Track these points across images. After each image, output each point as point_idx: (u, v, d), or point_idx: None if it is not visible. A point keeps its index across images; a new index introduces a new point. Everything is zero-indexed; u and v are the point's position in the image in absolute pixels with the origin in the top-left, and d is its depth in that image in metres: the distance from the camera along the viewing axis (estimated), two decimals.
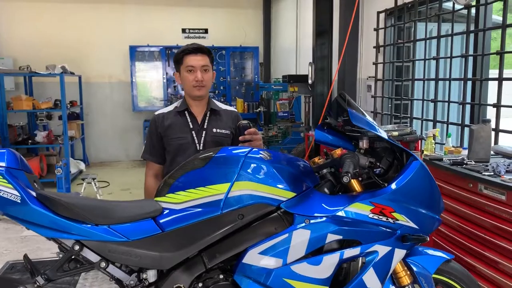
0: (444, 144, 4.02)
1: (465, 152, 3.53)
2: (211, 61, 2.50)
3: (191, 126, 2.49)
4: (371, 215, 1.70)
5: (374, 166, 1.78)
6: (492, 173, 2.68)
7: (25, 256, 1.81)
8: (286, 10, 8.69)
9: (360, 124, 1.73)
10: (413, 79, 4.61)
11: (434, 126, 4.32)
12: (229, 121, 2.57)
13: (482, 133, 3.06)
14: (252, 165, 1.76)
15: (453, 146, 3.90)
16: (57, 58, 7.94)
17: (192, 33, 9.46)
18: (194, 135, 2.47)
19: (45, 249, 4.32)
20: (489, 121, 3.10)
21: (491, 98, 3.77)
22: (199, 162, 1.84)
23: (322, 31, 5.95)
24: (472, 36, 3.81)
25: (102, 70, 9.04)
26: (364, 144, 1.83)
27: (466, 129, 3.93)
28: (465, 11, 3.96)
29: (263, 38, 9.56)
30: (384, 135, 1.79)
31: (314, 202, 1.74)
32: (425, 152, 3.97)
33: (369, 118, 1.84)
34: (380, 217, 1.70)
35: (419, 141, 4.16)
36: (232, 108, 2.68)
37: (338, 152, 1.82)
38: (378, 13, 5.16)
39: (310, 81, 5.93)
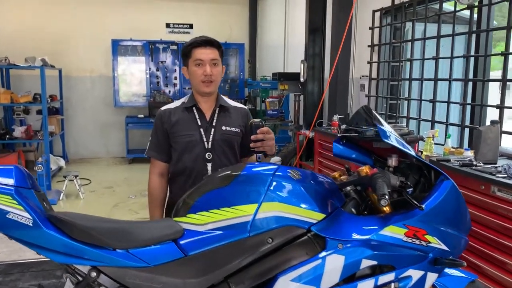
0: (443, 144, 3.99)
1: (467, 153, 3.51)
2: (221, 55, 2.35)
3: (199, 123, 2.35)
4: (405, 238, 1.61)
5: (405, 186, 1.68)
6: (506, 175, 2.65)
7: (40, 286, 1.65)
8: (273, 7, 8.58)
9: (389, 141, 1.63)
10: (411, 79, 4.56)
11: (432, 127, 4.28)
12: (239, 118, 2.44)
13: (490, 134, 3.02)
14: (281, 185, 1.64)
15: (452, 147, 3.88)
16: (37, 50, 7.60)
17: (177, 28, 9.24)
18: (203, 132, 2.33)
19: (27, 250, 4.09)
20: (497, 122, 3.06)
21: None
22: (222, 181, 1.71)
23: (314, 28, 5.87)
24: (462, 37, 3.78)
25: (83, 64, 8.73)
26: (393, 162, 1.74)
27: (466, 130, 3.92)
28: (463, 13, 3.96)
29: (249, 35, 9.43)
30: (412, 152, 1.70)
31: (346, 224, 1.64)
32: (424, 153, 3.94)
33: (396, 133, 1.76)
34: (414, 240, 1.62)
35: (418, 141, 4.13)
36: (241, 105, 2.54)
37: (366, 170, 1.70)
38: (374, 11, 5.11)
39: (302, 79, 5.85)
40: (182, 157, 2.34)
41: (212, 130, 2.34)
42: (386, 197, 1.51)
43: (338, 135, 2.05)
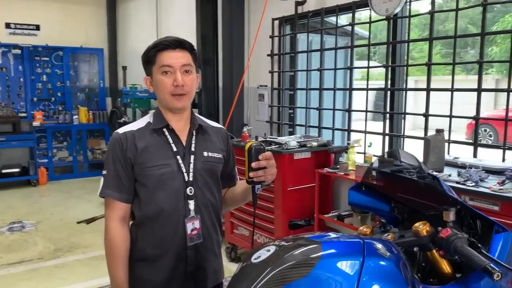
0: (364, 153, 4.04)
1: (397, 162, 3.57)
2: (195, 59, 1.85)
3: (174, 149, 1.81)
4: None
5: (476, 244, 1.50)
6: (474, 184, 2.71)
7: None
8: (139, 10, 7.90)
9: (450, 192, 1.50)
10: (321, 88, 4.55)
11: (349, 136, 4.32)
12: (219, 141, 1.97)
13: (438, 143, 3.10)
14: (374, 268, 1.31)
15: (374, 155, 3.94)
16: None
17: (20, 29, 7.93)
18: (180, 160, 1.82)
19: None
20: (442, 130, 3.16)
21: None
22: (296, 270, 1.28)
23: (206, 37, 5.54)
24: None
25: None
26: (450, 216, 1.54)
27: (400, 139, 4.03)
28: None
29: (109, 39, 8.55)
30: (460, 200, 1.57)
31: None
32: (350, 162, 3.93)
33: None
34: None
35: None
36: (219, 125, 2.08)
37: (426, 228, 1.48)
38: (273, 20, 4.98)
39: (197, 89, 5.42)
40: (155, 196, 1.78)
41: (192, 157, 1.84)
42: (495, 268, 1.28)
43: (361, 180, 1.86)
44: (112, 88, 8.68)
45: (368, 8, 3.91)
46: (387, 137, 3.98)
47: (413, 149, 3.64)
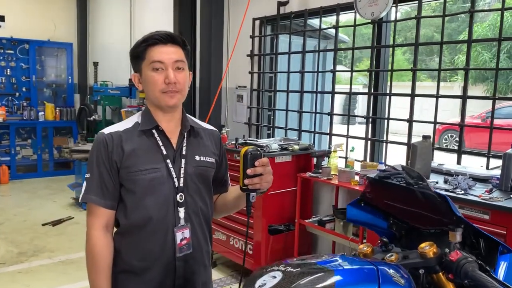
0: (346, 158, 3.98)
1: (381, 166, 3.52)
2: (187, 56, 1.73)
3: (164, 152, 1.69)
4: None
5: (480, 266, 1.44)
6: (463, 192, 2.67)
7: None
8: (111, 5, 7.65)
9: (458, 212, 1.43)
10: (302, 91, 4.47)
11: (330, 139, 4.26)
12: (212, 144, 1.85)
13: (424, 150, 3.07)
14: None
15: (356, 160, 3.89)
16: None
17: None
18: (170, 165, 1.69)
19: None
20: (429, 137, 3.12)
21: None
22: None
23: (184, 34, 5.38)
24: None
25: None
26: (457, 237, 1.48)
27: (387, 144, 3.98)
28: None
29: (78, 33, 8.25)
30: (465, 219, 1.50)
31: None
32: (332, 167, 3.86)
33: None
34: None
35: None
36: (211, 126, 1.95)
37: (433, 250, 1.41)
38: (254, 19, 4.87)
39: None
40: (143, 202, 1.64)
41: (183, 161, 1.71)
42: None
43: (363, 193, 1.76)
44: (81, 85, 8.38)
45: (353, 11, 3.86)
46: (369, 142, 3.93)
47: (394, 154, 3.67)
